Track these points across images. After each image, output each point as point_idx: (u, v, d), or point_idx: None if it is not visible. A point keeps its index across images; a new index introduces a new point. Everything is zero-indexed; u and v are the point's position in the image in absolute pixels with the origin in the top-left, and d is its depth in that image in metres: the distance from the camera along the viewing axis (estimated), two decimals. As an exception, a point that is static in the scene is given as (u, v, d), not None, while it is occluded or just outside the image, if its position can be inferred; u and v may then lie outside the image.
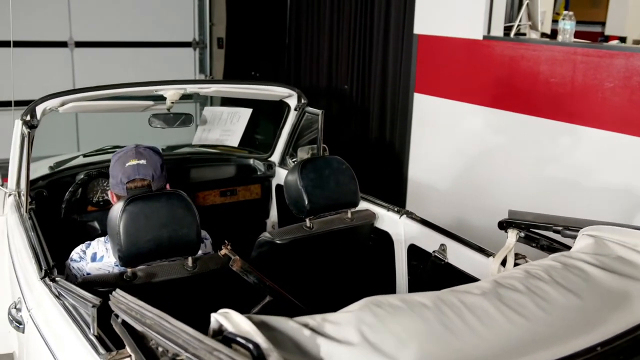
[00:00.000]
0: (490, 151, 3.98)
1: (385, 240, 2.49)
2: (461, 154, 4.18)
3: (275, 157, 3.10)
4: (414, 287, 2.41)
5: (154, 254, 1.85)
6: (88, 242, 2.02)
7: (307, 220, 2.27)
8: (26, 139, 2.16)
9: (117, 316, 1.33)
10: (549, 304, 1.25)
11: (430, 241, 2.29)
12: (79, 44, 6.70)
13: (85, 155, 2.83)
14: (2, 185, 2.46)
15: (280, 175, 3.08)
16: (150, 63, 6.98)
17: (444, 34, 4.23)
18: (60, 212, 2.53)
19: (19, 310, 1.88)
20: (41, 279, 1.76)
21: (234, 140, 2.99)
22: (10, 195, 2.46)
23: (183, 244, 1.88)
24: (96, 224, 2.63)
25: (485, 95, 3.97)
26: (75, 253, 1.99)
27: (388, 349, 1.09)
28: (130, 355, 1.35)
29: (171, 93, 2.52)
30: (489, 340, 1.18)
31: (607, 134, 3.34)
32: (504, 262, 1.93)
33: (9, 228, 2.34)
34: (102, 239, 2.02)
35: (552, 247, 1.83)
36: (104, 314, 1.43)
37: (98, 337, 1.46)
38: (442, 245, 2.21)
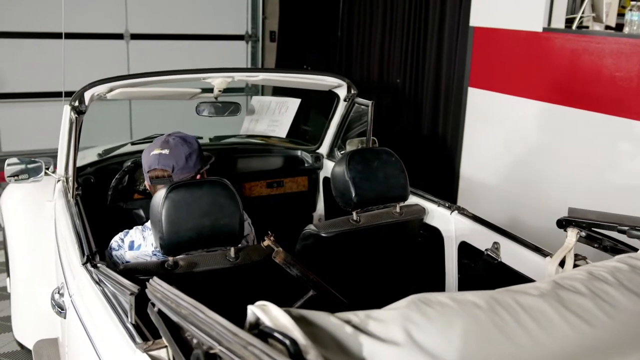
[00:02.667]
0: (547, 148, 3.81)
1: (434, 236, 2.40)
2: (516, 150, 4.02)
3: (324, 149, 3.03)
4: (464, 286, 2.31)
5: (196, 243, 1.81)
6: (126, 230, 2.00)
7: (354, 213, 2.20)
8: (74, 125, 2.15)
9: (153, 305, 1.28)
10: (615, 309, 1.14)
11: (482, 239, 2.19)
12: (135, 36, 6.79)
13: (133, 143, 2.83)
14: (52, 172, 2.46)
15: (328, 168, 3.00)
16: (203, 56, 7.03)
17: (501, 26, 4.08)
18: (106, 199, 2.53)
19: (61, 295, 1.87)
20: (83, 264, 1.74)
21: (281, 131, 2.93)
22: (59, 181, 2.47)
23: (225, 233, 1.83)
24: (141, 212, 2.62)
25: (544, 90, 3.81)
26: (115, 241, 1.97)
27: (436, 351, 1.01)
28: (166, 345, 1.31)
29: (219, 81, 2.48)
30: (547, 345, 1.08)
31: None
32: (562, 263, 1.81)
33: (56, 213, 2.35)
34: (140, 227, 2.00)
35: (616, 249, 1.70)
36: (144, 302, 1.40)
37: (135, 326, 1.42)
38: (495, 243, 2.10)
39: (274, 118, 2.89)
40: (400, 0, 5.22)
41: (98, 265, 1.72)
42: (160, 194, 1.78)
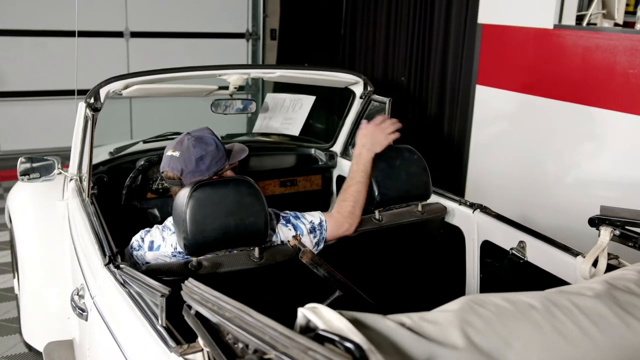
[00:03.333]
0: (558, 146, 3.78)
1: (455, 235, 2.36)
2: (526, 148, 3.99)
3: (337, 147, 2.98)
4: (487, 285, 2.27)
5: (220, 243, 1.77)
6: (147, 229, 1.94)
7: (377, 212, 2.16)
8: (90, 122, 2.10)
9: (189, 307, 1.24)
10: None
11: (506, 238, 2.15)
12: (135, 34, 6.73)
13: (145, 142, 2.78)
14: (63, 170, 2.41)
15: (342, 166, 2.97)
16: (204, 54, 6.98)
17: (510, 23, 4.05)
18: (120, 198, 2.48)
19: (81, 297, 1.82)
20: (105, 265, 1.70)
21: (295, 128, 2.89)
22: (71, 179, 2.42)
23: (250, 233, 1.79)
24: (156, 211, 2.57)
25: (554, 87, 3.78)
26: (135, 241, 1.92)
27: (496, 354, 0.97)
28: (202, 349, 1.27)
29: (235, 78, 2.44)
30: (607, 348, 1.04)
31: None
32: (594, 263, 1.77)
33: (71, 213, 2.30)
34: (160, 226, 1.94)
35: (653, 247, 1.67)
36: (169, 304, 1.36)
37: (166, 329, 1.37)
38: (521, 242, 2.07)
39: (288, 116, 2.84)
40: (405, 1, 5.19)
41: (121, 266, 1.67)
42: (183, 193, 1.74)
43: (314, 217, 2.03)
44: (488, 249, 2.23)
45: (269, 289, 1.91)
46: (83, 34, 6.20)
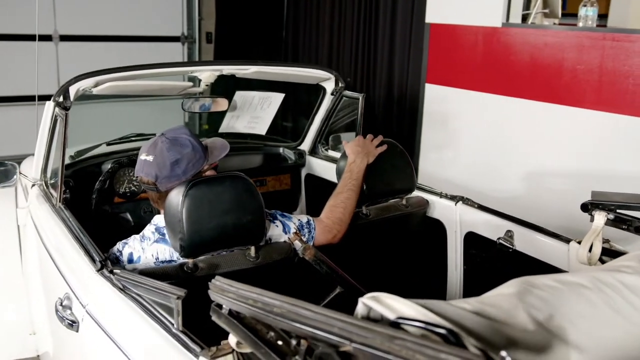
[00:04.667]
0: (510, 142, 3.89)
1: (436, 228, 2.36)
2: (477, 144, 4.08)
3: (306, 145, 2.94)
4: (471, 277, 2.29)
5: (217, 242, 1.69)
6: (124, 240, 1.83)
7: (364, 207, 2.13)
8: (61, 121, 1.97)
9: (219, 307, 1.17)
10: None
11: (492, 228, 2.17)
12: (64, 38, 6.44)
13: (108, 144, 2.64)
14: (24, 176, 2.26)
15: (311, 165, 2.92)
16: (138, 58, 6.72)
17: (459, 22, 4.13)
18: (90, 203, 2.34)
19: (66, 307, 1.69)
20: (98, 271, 1.59)
21: (261, 127, 2.82)
22: (34, 185, 2.27)
23: (247, 231, 1.72)
24: (128, 216, 2.44)
25: (505, 84, 3.88)
26: (113, 254, 1.80)
27: (563, 333, 0.96)
28: (232, 351, 1.20)
29: (206, 75, 2.36)
30: None
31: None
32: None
33: (37, 220, 2.14)
34: (137, 236, 1.83)
35: (647, 229, 1.72)
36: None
37: (184, 333, 1.29)
38: (508, 231, 2.09)
39: (255, 114, 2.77)
40: (349, 1, 5.21)
41: (115, 271, 1.57)
42: (177, 192, 1.65)
43: (301, 217, 1.98)
44: (472, 240, 2.25)
45: (267, 289, 1.84)
46: (5, 37, 5.89)
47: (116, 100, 3.69)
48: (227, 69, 2.38)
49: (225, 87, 2.57)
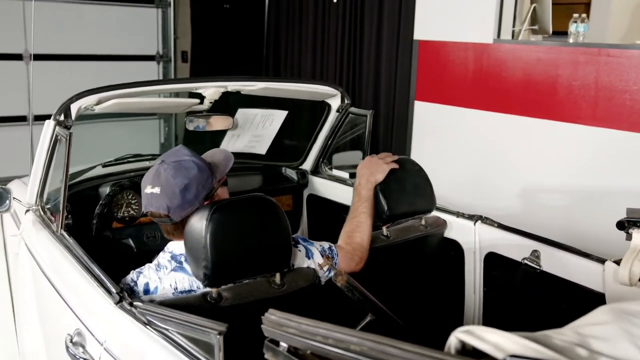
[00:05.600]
0: (503, 159, 3.85)
1: (452, 249, 2.28)
2: (469, 162, 4.04)
3: (308, 165, 2.84)
4: (492, 299, 2.20)
5: (243, 269, 1.58)
6: (138, 270, 1.69)
7: (384, 228, 2.03)
8: (65, 141, 1.83)
9: (274, 343, 1.05)
10: None
11: (515, 248, 2.09)
12: (37, 57, 6.23)
13: (104, 165, 2.50)
14: (17, 200, 2.10)
15: (314, 185, 2.82)
16: (112, 77, 6.56)
17: (448, 39, 4.10)
18: (90, 229, 2.19)
19: (77, 345, 1.54)
20: (116, 304, 1.45)
21: (262, 147, 2.71)
22: (28, 210, 2.11)
23: (274, 256, 1.61)
24: (131, 242, 2.30)
25: (497, 100, 3.85)
26: (126, 285, 1.66)
27: None
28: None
29: (211, 92, 2.24)
30: None
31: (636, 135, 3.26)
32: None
33: (35, 249, 1.99)
34: (152, 265, 1.70)
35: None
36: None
37: None
38: (534, 251, 2.01)
39: (257, 133, 2.66)
40: (332, 16, 5.15)
41: (135, 303, 1.44)
42: (199, 217, 1.53)
43: (322, 243, 1.87)
44: (493, 261, 2.17)
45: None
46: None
47: (89, 121, 3.52)
48: (233, 85, 2.27)
49: (225, 104, 2.45)
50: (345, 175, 2.70)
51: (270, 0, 5.82)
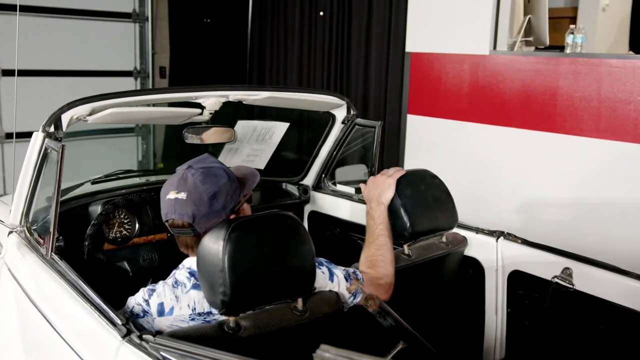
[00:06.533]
0: (500, 172, 3.74)
1: (472, 267, 2.13)
2: (466, 176, 3.91)
3: (309, 180, 2.67)
4: (517, 320, 2.06)
5: (265, 295, 1.41)
6: (150, 288, 1.51)
7: (406, 246, 1.88)
8: (57, 154, 1.64)
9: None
10: None
11: (543, 266, 1.96)
12: (7, 73, 6.00)
13: (93, 182, 2.30)
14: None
15: (316, 201, 2.66)
16: (89, 93, 6.35)
17: (442, 51, 4.00)
18: (82, 252, 2.00)
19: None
20: (123, 338, 1.27)
21: (261, 161, 2.55)
22: (11, 232, 1.91)
23: (298, 280, 1.45)
24: (126, 265, 2.11)
25: (495, 113, 3.75)
26: (136, 305, 1.48)
27: None
28: None
29: (211, 102, 2.08)
30: None
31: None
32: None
33: (20, 274, 1.79)
34: (168, 282, 1.52)
35: None
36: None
37: None
38: (566, 269, 1.88)
39: (255, 147, 2.50)
40: (319, 28, 5.02)
41: (146, 336, 1.26)
42: (214, 237, 1.36)
43: (346, 268, 1.72)
44: (518, 280, 2.03)
45: (315, 348, 1.55)
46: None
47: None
48: (235, 95, 2.11)
49: (224, 115, 2.29)
50: (350, 190, 2.55)
51: (253, 14, 5.68)
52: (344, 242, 2.52)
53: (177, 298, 1.47)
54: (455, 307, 2.12)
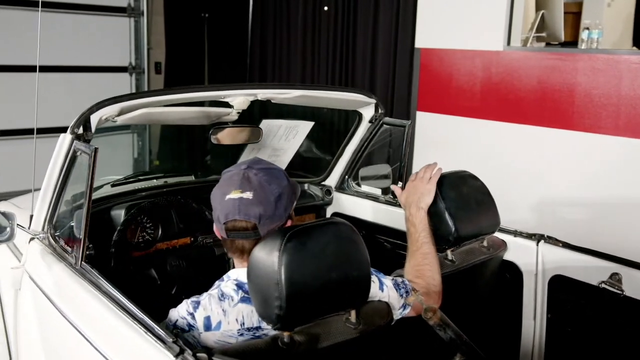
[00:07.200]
0: (515, 170, 3.68)
1: (509, 271, 2.06)
2: (479, 174, 3.84)
3: (332, 181, 2.59)
4: (559, 326, 1.99)
5: (321, 308, 1.32)
6: (193, 300, 1.41)
7: (449, 252, 1.81)
8: (90, 157, 1.54)
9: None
10: None
11: (588, 271, 1.89)
12: (2, 68, 5.85)
13: (113, 185, 2.20)
14: (21, 227, 1.80)
15: (339, 202, 2.58)
16: (82, 89, 6.23)
17: (454, 47, 3.93)
18: (109, 259, 1.90)
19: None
20: (176, 357, 1.18)
21: (282, 162, 2.46)
22: (32, 239, 1.81)
23: (353, 290, 1.36)
24: (154, 273, 2.01)
25: (509, 110, 3.69)
26: (180, 317, 1.38)
27: None
28: None
29: (239, 100, 1.99)
30: None
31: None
32: None
33: (46, 285, 1.69)
34: (213, 294, 1.41)
35: None
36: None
37: None
38: (615, 274, 1.81)
39: (278, 146, 2.41)
40: (324, 23, 4.93)
41: (200, 355, 1.17)
42: (269, 246, 1.27)
43: (394, 277, 1.64)
44: (560, 285, 1.96)
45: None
46: None
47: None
48: (264, 94, 2.02)
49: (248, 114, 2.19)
50: (377, 191, 2.46)
51: (254, 9, 5.57)
52: (369, 244, 2.44)
53: (225, 312, 1.38)
54: (492, 312, 2.05)
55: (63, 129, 1.67)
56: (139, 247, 2.06)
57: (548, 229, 3.17)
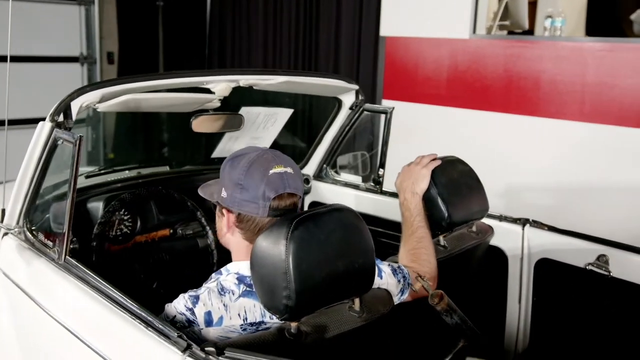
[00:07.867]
0: (481, 157, 3.70)
1: (494, 256, 2.07)
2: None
3: (310, 169, 2.55)
4: (545, 309, 2.01)
5: (328, 297, 1.28)
6: (191, 294, 1.34)
7: (441, 237, 1.79)
8: (74, 146, 1.45)
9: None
10: None
11: (573, 253, 1.91)
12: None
13: (87, 176, 2.10)
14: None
15: (317, 190, 2.54)
16: (31, 81, 5.99)
17: (419, 35, 3.93)
18: (90, 253, 1.80)
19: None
20: (183, 352, 1.12)
21: (259, 150, 2.39)
22: (6, 234, 1.71)
23: (359, 278, 1.33)
24: (137, 267, 1.92)
25: (475, 97, 3.72)
26: (179, 314, 1.30)
27: None
28: None
29: (221, 87, 1.92)
30: None
31: (625, 130, 3.21)
32: None
33: (24, 283, 1.59)
34: (212, 288, 1.34)
35: None
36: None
37: None
38: (602, 256, 1.83)
39: (256, 134, 2.35)
40: (285, 10, 4.86)
41: (208, 349, 1.12)
42: (274, 234, 1.22)
43: (390, 262, 1.61)
44: (547, 268, 1.97)
45: (373, 350, 1.44)
46: None
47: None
48: (246, 80, 1.96)
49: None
50: (357, 179, 2.44)
51: (213, -5, 5.46)
52: None
53: (226, 307, 1.32)
54: (477, 297, 2.05)
55: (13, 122, 1.58)
56: (117, 240, 1.97)
57: (516, 213, 3.23)
